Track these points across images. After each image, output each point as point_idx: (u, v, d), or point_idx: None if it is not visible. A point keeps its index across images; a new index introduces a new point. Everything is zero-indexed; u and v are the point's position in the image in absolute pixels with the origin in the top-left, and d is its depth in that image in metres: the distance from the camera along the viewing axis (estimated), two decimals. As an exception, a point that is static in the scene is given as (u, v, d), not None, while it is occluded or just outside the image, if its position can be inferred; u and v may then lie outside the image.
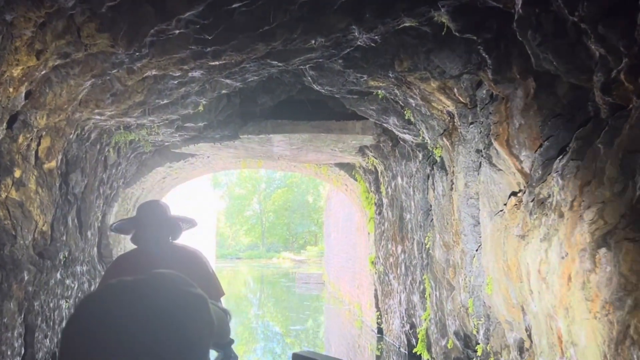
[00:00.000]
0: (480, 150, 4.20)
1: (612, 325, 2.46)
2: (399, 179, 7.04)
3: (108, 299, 0.91)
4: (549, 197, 3.05)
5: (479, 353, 4.59)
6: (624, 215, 2.43)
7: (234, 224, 54.78)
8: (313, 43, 3.91)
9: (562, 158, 2.95)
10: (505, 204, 3.74)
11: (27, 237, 5.06)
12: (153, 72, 4.44)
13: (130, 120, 5.84)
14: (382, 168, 7.79)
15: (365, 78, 4.62)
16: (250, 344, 10.94)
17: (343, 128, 6.50)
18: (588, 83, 2.78)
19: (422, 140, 5.57)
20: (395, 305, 7.87)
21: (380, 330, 9.24)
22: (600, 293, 2.52)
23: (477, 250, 4.48)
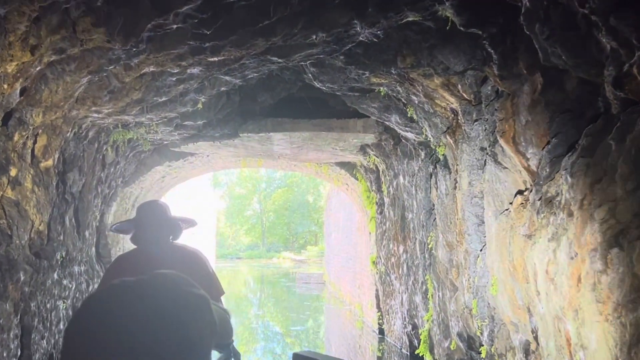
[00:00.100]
0: (485, 148, 4.11)
1: (624, 328, 2.37)
2: (401, 178, 6.96)
3: (110, 299, 0.92)
4: (557, 195, 2.96)
5: (483, 355, 4.51)
6: (637, 214, 2.35)
7: (234, 224, 54.73)
8: (314, 38, 3.83)
9: (571, 155, 2.86)
10: (511, 203, 3.65)
11: (23, 236, 4.98)
12: (151, 68, 4.35)
13: (129, 118, 5.76)
14: (383, 167, 7.70)
15: (367, 75, 4.53)
16: (251, 344, 10.88)
17: (344, 126, 6.41)
18: (598, 78, 2.70)
19: (424, 139, 5.48)
20: (397, 306, 7.79)
21: (382, 331, 9.16)
22: (612, 295, 2.43)
23: (481, 250, 4.40)
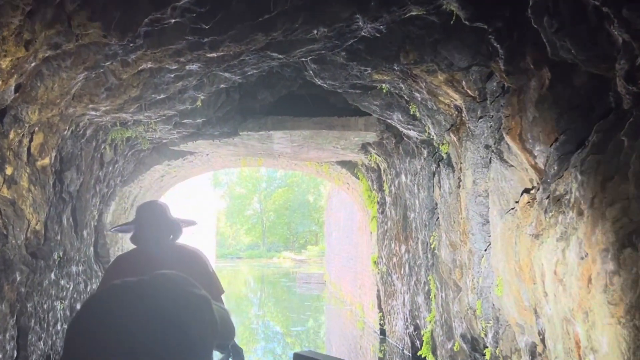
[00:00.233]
0: (490, 146, 4.02)
1: (638, 331, 2.29)
2: (403, 177, 6.87)
3: (111, 300, 0.92)
4: (566, 194, 2.88)
5: (488, 357, 4.42)
6: (651, 213, 2.26)
7: (235, 224, 54.65)
8: (315, 33, 3.74)
9: (580, 152, 2.77)
10: (517, 202, 3.56)
11: (19, 236, 4.90)
12: (149, 64, 4.27)
13: (127, 116, 5.67)
14: (385, 166, 7.62)
15: (369, 71, 4.44)
16: (251, 344, 10.81)
17: (345, 124, 6.32)
18: (609, 72, 2.61)
19: (427, 137, 5.39)
20: (399, 306, 7.70)
21: (383, 332, 9.07)
22: (625, 297, 2.34)
23: (485, 250, 4.31)
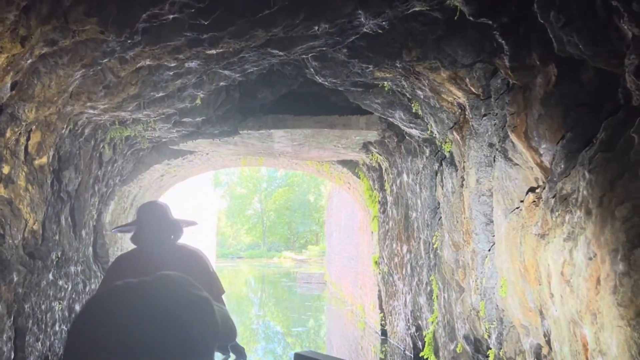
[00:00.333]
0: (494, 144, 3.95)
1: (649, 334, 2.22)
2: (405, 176, 6.80)
3: (113, 300, 0.93)
4: (573, 192, 2.81)
5: (491, 358, 4.36)
6: (663, 212, 2.19)
7: (235, 223, 54.59)
8: (316, 30, 3.68)
9: (588, 150, 2.70)
10: (522, 201, 3.50)
11: (16, 236, 4.84)
12: (147, 62, 4.20)
13: (125, 115, 5.61)
14: (386, 165, 7.55)
15: (371, 68, 4.38)
16: (252, 344, 10.76)
17: (347, 123, 6.26)
18: (618, 68, 2.54)
19: (430, 135, 5.32)
20: (400, 307, 7.63)
21: (384, 332, 9.00)
22: (636, 298, 2.27)
23: (489, 250, 4.24)
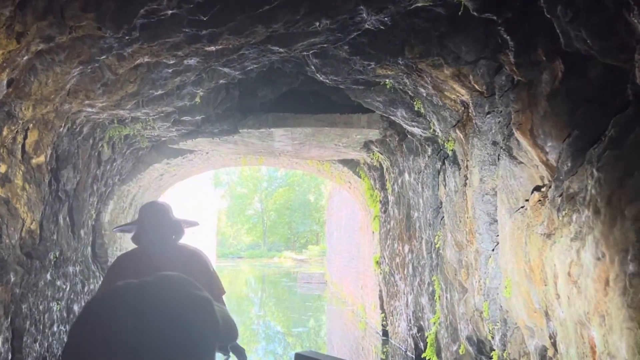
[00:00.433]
0: (498, 142, 3.89)
1: (660, 337, 2.16)
2: (406, 175, 6.73)
3: (114, 301, 0.93)
4: (581, 191, 2.74)
5: (495, 360, 4.30)
6: (675, 211, 2.13)
7: (236, 223, 54.54)
8: (317, 26, 3.61)
9: (596, 147, 2.64)
10: (527, 200, 3.43)
11: (13, 236, 4.78)
12: (145, 59, 4.14)
13: (124, 113, 5.54)
14: (387, 164, 7.48)
15: (373, 66, 4.31)
16: (252, 344, 10.71)
17: (348, 121, 6.19)
18: (627, 63, 2.48)
19: (432, 134, 5.25)
20: (402, 307, 7.57)
21: (386, 333, 8.94)
22: (647, 299, 2.21)
23: (493, 250, 4.18)
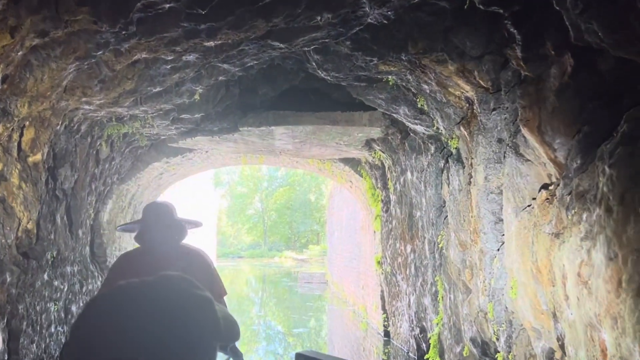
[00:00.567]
0: (504, 140, 3.80)
1: (677, 340, 2.07)
2: (409, 174, 6.64)
3: (116, 300, 0.94)
4: (591, 189, 2.65)
5: (499, 362, 4.21)
6: (693, 209, 2.04)
7: (236, 223, 54.47)
8: (319, 20, 3.53)
9: (608, 144, 2.55)
10: (534, 199, 3.34)
11: (9, 235, 4.69)
12: (143, 55, 4.05)
13: (122, 111, 5.46)
14: (389, 163, 7.39)
15: (375, 62, 4.22)
16: (252, 344, 10.63)
17: (349, 119, 6.10)
18: (641, 56, 2.39)
19: (435, 131, 5.16)
20: (404, 308, 7.48)
21: (387, 334, 8.85)
22: (663, 301, 2.12)
23: (498, 250, 4.09)
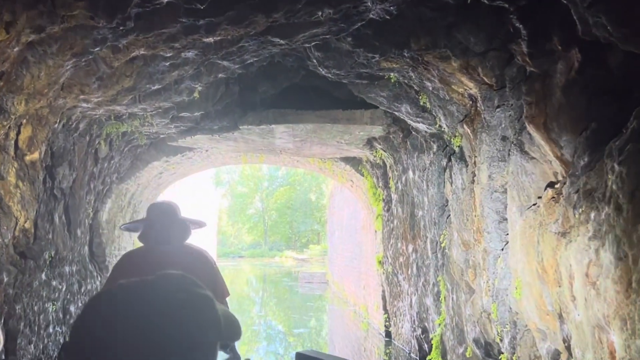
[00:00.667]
0: (508, 137, 3.73)
1: (690, 343, 2.00)
2: (410, 173, 6.58)
3: (115, 300, 0.94)
4: (600, 187, 2.59)
5: (503, 363, 4.14)
6: None
7: (237, 222, 54.45)
8: (320, 15, 3.46)
9: (617, 141, 2.48)
10: (540, 197, 3.28)
11: (6, 235, 4.63)
12: (141, 51, 3.99)
13: (121, 109, 5.40)
14: (391, 162, 7.33)
15: (377, 58, 4.16)
16: (253, 344, 10.58)
17: (350, 118, 6.03)
18: (651, 50, 2.32)
19: (437, 130, 5.09)
20: (405, 308, 7.41)
21: (389, 334, 8.78)
22: (675, 303, 2.06)
23: (502, 250, 4.03)
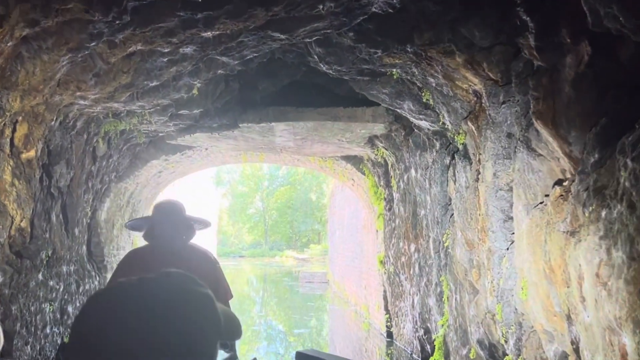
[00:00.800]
0: (514, 134, 3.65)
1: None
2: (413, 172, 6.49)
3: (115, 297, 0.94)
4: (611, 184, 2.50)
5: (508, 365, 4.06)
6: None
7: (237, 222, 54.43)
8: (321, 9, 3.38)
9: (629, 136, 2.40)
10: (547, 195, 3.19)
11: (1, 234, 4.56)
12: (139, 46, 3.90)
13: (118, 106, 5.31)
14: (393, 160, 7.24)
15: (380, 54, 4.07)
16: (253, 344, 10.52)
17: (352, 115, 5.95)
18: (666, 42, 2.24)
19: (441, 127, 5.00)
20: (407, 308, 7.33)
21: (390, 334, 8.70)
22: (693, 304, 1.97)
23: (507, 249, 3.94)
